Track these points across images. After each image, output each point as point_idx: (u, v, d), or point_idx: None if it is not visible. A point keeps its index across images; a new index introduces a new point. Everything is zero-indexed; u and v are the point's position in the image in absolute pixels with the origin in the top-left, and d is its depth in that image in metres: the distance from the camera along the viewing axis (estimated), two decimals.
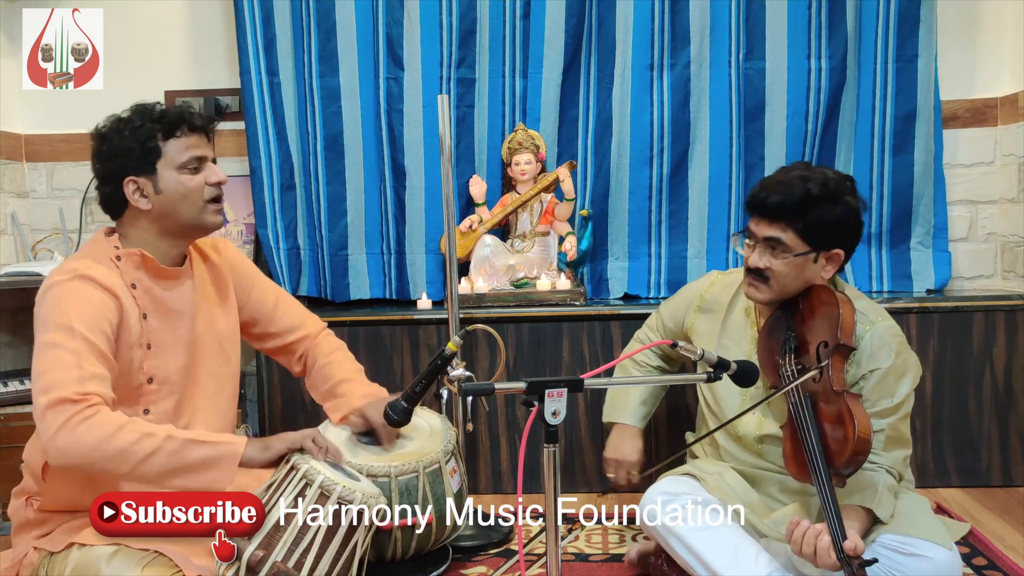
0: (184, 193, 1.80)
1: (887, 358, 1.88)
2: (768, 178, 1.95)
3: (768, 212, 1.89)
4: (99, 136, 1.81)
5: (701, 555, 1.84)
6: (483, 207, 3.06)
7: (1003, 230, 3.12)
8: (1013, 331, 2.78)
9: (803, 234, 1.87)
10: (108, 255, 1.79)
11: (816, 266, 1.90)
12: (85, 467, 1.64)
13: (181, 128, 1.80)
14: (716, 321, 2.11)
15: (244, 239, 3.19)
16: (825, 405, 1.80)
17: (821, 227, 1.87)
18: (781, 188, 1.88)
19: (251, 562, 1.61)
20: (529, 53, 3.06)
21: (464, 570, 2.23)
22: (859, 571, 1.60)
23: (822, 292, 1.92)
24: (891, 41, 3.02)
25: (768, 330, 1.97)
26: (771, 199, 1.88)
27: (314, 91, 3.06)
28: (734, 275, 2.16)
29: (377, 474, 1.95)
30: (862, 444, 1.73)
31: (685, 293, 2.24)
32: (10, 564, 1.77)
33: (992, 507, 2.62)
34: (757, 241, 1.91)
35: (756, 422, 1.97)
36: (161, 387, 1.80)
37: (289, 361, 2.14)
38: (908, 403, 1.92)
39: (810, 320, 1.90)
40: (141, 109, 1.81)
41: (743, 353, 2.01)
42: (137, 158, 1.77)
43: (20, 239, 3.18)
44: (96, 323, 1.68)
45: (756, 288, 1.94)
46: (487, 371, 2.84)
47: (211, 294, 1.94)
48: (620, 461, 2.23)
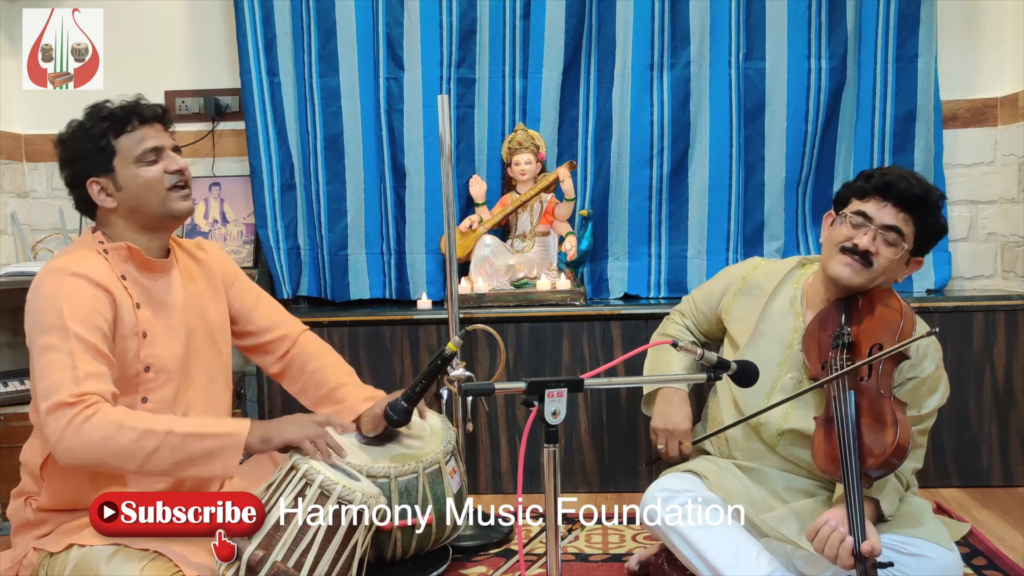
0: (144, 185, 1.79)
1: (927, 368, 1.90)
2: (892, 170, 1.94)
3: (902, 200, 1.88)
4: (59, 143, 1.83)
5: (702, 553, 1.83)
6: (483, 207, 3.06)
7: (1003, 230, 3.12)
8: (1013, 331, 2.78)
9: (918, 232, 1.90)
10: (97, 249, 1.80)
11: (903, 267, 1.93)
12: (94, 465, 1.67)
13: (131, 123, 1.79)
14: (757, 306, 2.08)
15: (244, 239, 3.19)
16: (868, 406, 1.79)
17: (931, 232, 1.91)
18: (915, 182, 1.89)
19: (251, 562, 1.61)
20: (529, 53, 3.06)
21: (464, 570, 2.23)
22: (871, 571, 1.60)
23: (888, 297, 1.92)
24: (891, 41, 3.02)
25: (820, 322, 1.95)
26: (909, 190, 1.88)
27: (314, 91, 3.06)
28: (779, 264, 2.16)
29: (377, 474, 1.94)
30: (900, 451, 1.73)
31: (725, 275, 2.21)
32: (10, 564, 1.77)
33: (992, 507, 2.61)
34: (873, 225, 1.89)
35: (782, 414, 1.94)
36: (159, 375, 1.81)
37: (265, 361, 2.11)
38: (931, 419, 1.93)
39: (869, 321, 1.89)
40: (91, 110, 1.82)
41: (780, 342, 2.00)
42: (93, 159, 1.78)
43: (20, 239, 3.18)
44: (90, 319, 1.68)
45: (854, 269, 1.91)
46: (487, 371, 2.84)
47: (201, 287, 1.94)
48: (671, 431, 2.08)
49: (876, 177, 1.92)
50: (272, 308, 2.11)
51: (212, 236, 3.16)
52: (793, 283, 2.08)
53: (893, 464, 1.74)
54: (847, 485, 1.70)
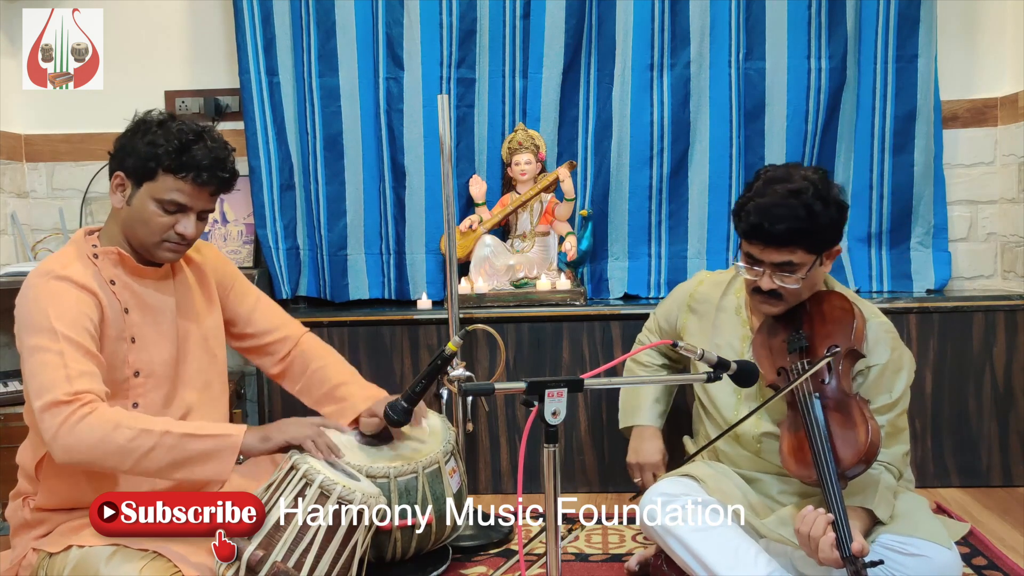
0: (144, 221, 1.75)
1: (883, 353, 1.90)
2: (759, 202, 1.82)
3: (776, 240, 1.81)
4: (135, 121, 1.78)
5: (701, 556, 1.83)
6: (483, 207, 3.06)
7: (1003, 230, 3.12)
8: (1013, 331, 2.77)
9: (811, 248, 1.84)
10: (86, 253, 1.79)
11: (821, 268, 1.91)
12: (90, 464, 1.66)
13: (186, 173, 1.73)
14: (707, 320, 2.10)
15: (244, 239, 3.19)
16: (835, 407, 1.80)
17: (825, 235, 1.85)
18: (782, 213, 1.79)
19: (251, 562, 1.61)
20: (529, 53, 3.06)
21: (464, 570, 2.23)
22: (863, 571, 1.60)
23: (836, 298, 1.92)
24: (891, 41, 3.02)
25: (768, 330, 1.96)
26: (777, 228, 1.79)
27: (313, 91, 3.06)
28: (723, 274, 2.16)
29: (376, 474, 1.95)
30: (873, 449, 1.73)
31: (676, 294, 2.24)
32: (9, 565, 1.77)
33: (992, 507, 2.61)
34: (765, 267, 1.86)
35: (754, 420, 1.96)
36: (147, 380, 1.80)
37: (266, 362, 2.11)
38: (905, 398, 1.92)
39: (821, 324, 1.90)
40: (173, 126, 1.75)
41: (735, 352, 2.01)
42: (134, 163, 1.75)
43: (20, 239, 3.18)
44: (77, 320, 1.68)
45: (771, 305, 1.91)
46: (487, 371, 2.84)
47: (195, 292, 1.93)
48: (643, 464, 2.19)
49: (743, 218, 1.83)
50: (272, 310, 2.11)
51: (212, 236, 3.16)
52: (736, 292, 2.09)
53: (869, 461, 1.75)
54: (827, 489, 1.70)
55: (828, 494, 1.70)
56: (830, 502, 1.69)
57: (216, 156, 1.75)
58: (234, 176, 1.82)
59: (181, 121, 1.77)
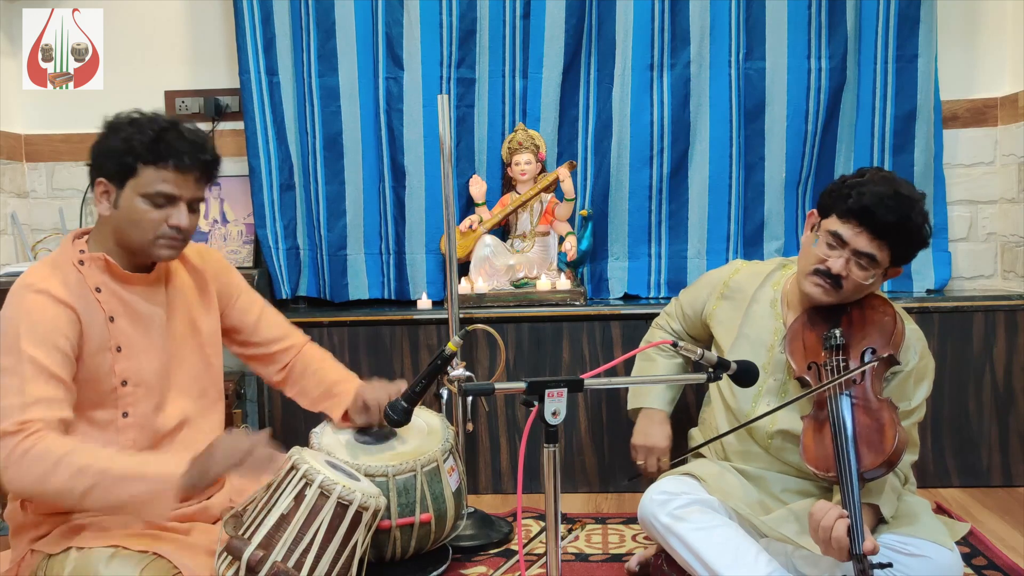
0: (135, 221, 1.71)
1: (912, 360, 1.90)
2: (875, 189, 1.80)
3: (878, 229, 1.80)
4: (104, 125, 1.76)
5: (701, 555, 1.83)
6: (483, 207, 3.06)
7: (1003, 230, 3.12)
8: (1013, 331, 2.77)
9: (896, 252, 1.84)
10: (72, 260, 1.75)
11: (880, 279, 1.90)
12: (38, 497, 1.65)
13: (166, 161, 1.69)
14: (739, 309, 2.08)
15: (244, 239, 3.19)
16: (865, 409, 1.79)
17: (911, 249, 1.85)
18: (895, 206, 1.78)
19: (251, 562, 1.61)
20: (529, 53, 3.06)
21: (464, 570, 2.23)
22: (869, 571, 1.60)
23: (877, 301, 1.92)
24: (891, 41, 3.02)
25: (804, 323, 1.94)
26: (887, 218, 1.78)
27: (313, 91, 3.06)
28: (759, 266, 2.15)
29: (375, 474, 1.95)
30: (896, 456, 1.73)
31: (707, 280, 2.22)
32: (9, 566, 1.77)
33: (992, 507, 2.61)
34: (847, 249, 1.84)
35: (771, 416, 1.96)
36: (136, 389, 1.77)
37: (269, 370, 2.10)
38: (922, 409, 1.93)
39: (860, 325, 1.89)
40: (143, 120, 1.73)
41: (763, 344, 2.00)
42: (113, 166, 1.71)
43: (20, 239, 3.18)
44: (48, 338, 1.64)
45: (825, 291, 1.88)
46: (487, 371, 2.84)
47: (191, 298, 1.91)
48: (650, 448, 2.17)
49: (854, 197, 1.81)
50: (276, 320, 2.10)
51: (212, 236, 3.16)
52: (773, 285, 2.08)
53: (891, 465, 1.75)
54: (844, 487, 1.70)
55: (845, 492, 1.69)
56: (846, 499, 1.68)
57: (192, 140, 1.73)
58: (216, 160, 1.78)
59: (151, 114, 1.74)
